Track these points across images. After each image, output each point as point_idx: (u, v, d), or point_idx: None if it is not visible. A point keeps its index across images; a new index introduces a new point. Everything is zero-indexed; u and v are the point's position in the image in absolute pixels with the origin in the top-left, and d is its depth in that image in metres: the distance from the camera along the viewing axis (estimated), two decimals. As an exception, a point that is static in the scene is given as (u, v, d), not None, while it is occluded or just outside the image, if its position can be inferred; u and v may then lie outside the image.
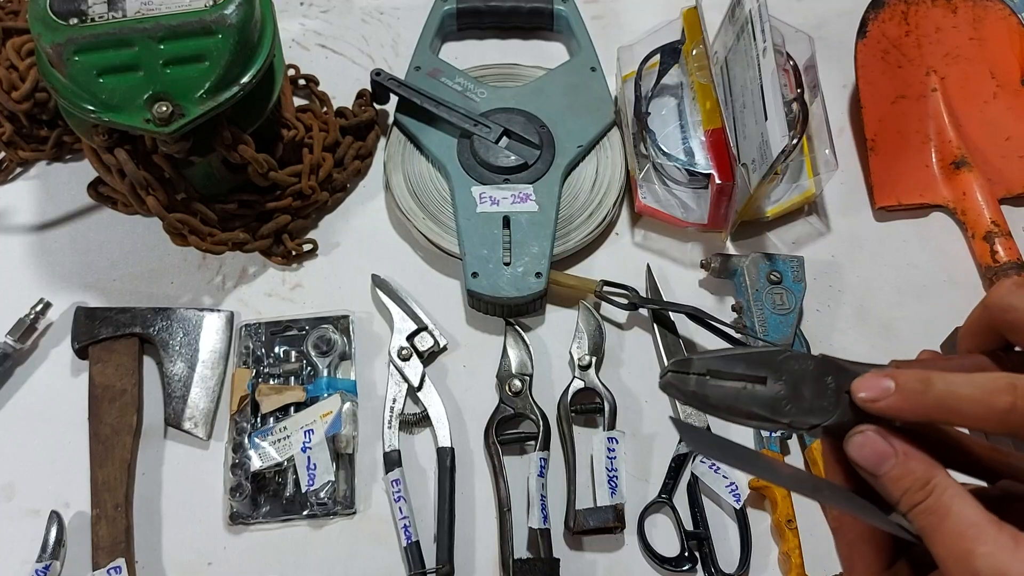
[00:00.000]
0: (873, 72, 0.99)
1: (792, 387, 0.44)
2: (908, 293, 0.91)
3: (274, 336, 0.87)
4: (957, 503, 0.40)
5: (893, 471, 0.41)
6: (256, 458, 0.80)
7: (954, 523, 0.40)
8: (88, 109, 0.76)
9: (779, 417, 0.44)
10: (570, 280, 0.88)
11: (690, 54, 0.94)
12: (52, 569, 0.75)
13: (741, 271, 0.87)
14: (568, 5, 1.04)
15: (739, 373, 0.44)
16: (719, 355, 0.44)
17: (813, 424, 0.43)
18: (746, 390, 0.44)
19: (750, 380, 0.44)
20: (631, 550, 0.79)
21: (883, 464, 0.41)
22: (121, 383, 0.83)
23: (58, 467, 0.81)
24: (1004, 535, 0.39)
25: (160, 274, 0.91)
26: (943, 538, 0.40)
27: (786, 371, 0.44)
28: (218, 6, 0.76)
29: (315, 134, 0.93)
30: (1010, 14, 0.99)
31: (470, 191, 0.90)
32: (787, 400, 0.44)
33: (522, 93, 0.97)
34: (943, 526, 0.40)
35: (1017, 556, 0.38)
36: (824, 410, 0.43)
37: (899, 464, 0.41)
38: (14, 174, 0.97)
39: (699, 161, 0.90)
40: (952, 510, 0.40)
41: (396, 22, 1.08)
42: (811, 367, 0.44)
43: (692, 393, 0.44)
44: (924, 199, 0.96)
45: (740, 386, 0.44)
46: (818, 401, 0.44)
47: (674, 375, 0.45)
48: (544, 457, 0.79)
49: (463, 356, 0.87)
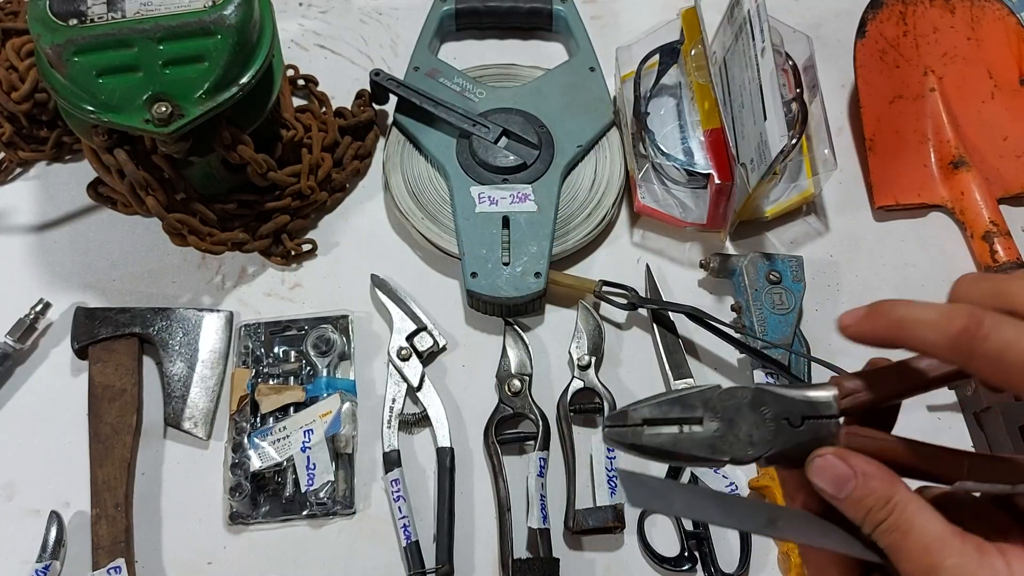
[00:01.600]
0: (871, 72, 0.99)
1: (729, 423, 0.44)
2: (907, 293, 0.91)
3: (273, 336, 0.87)
4: (919, 518, 0.40)
5: (855, 492, 0.41)
6: (256, 458, 0.80)
7: (918, 538, 0.40)
8: (88, 110, 0.76)
9: (719, 456, 0.44)
10: (569, 280, 0.88)
11: (689, 54, 0.94)
12: (52, 569, 0.76)
13: (740, 271, 0.87)
14: (567, 5, 1.04)
15: (674, 418, 0.44)
16: (653, 402, 0.45)
17: (754, 456, 0.44)
18: (683, 434, 0.44)
19: (686, 423, 0.44)
20: (631, 550, 0.79)
21: (844, 486, 0.42)
22: (121, 383, 0.83)
23: (58, 467, 0.81)
24: (968, 546, 0.39)
25: (160, 274, 0.91)
26: (908, 554, 0.40)
27: (721, 407, 0.44)
28: (217, 7, 0.76)
29: (314, 134, 0.93)
30: (1008, 14, 0.99)
31: (469, 191, 0.90)
32: (724, 436, 0.44)
33: (521, 93, 0.97)
34: (907, 542, 0.40)
35: (984, 566, 0.38)
36: (764, 440, 0.44)
37: (860, 485, 0.41)
38: (14, 174, 0.97)
39: (698, 161, 0.91)
40: (915, 525, 0.40)
41: (395, 22, 1.09)
42: (747, 399, 0.44)
43: (631, 445, 0.45)
44: (923, 199, 0.96)
45: (676, 431, 0.44)
46: (757, 432, 0.44)
47: (611, 429, 0.45)
48: (544, 457, 0.79)
49: (462, 356, 0.88)
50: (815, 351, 0.86)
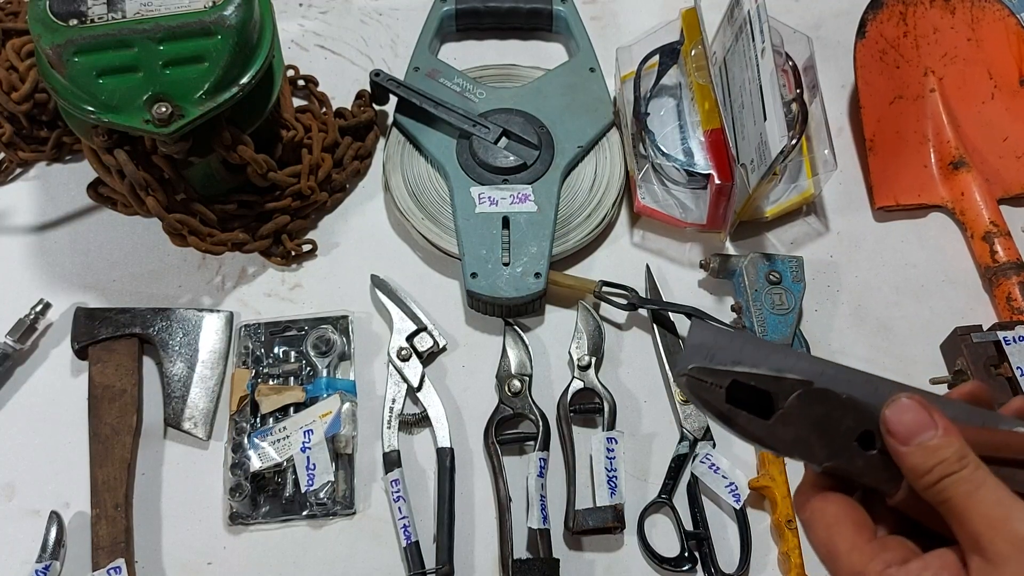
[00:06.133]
0: (871, 72, 0.99)
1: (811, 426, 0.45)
2: (906, 293, 0.91)
3: (273, 336, 0.87)
4: (991, 478, 0.42)
5: (933, 441, 0.42)
6: (256, 458, 0.80)
7: (990, 492, 0.41)
8: (88, 110, 0.76)
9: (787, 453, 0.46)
10: (569, 280, 0.88)
11: (689, 55, 0.94)
12: (52, 569, 0.75)
13: (740, 271, 0.87)
14: (567, 6, 1.04)
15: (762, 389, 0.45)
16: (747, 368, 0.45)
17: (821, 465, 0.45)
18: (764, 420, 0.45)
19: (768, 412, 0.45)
20: (631, 550, 0.79)
21: (923, 434, 0.42)
22: (121, 383, 0.83)
23: (58, 467, 0.81)
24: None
25: (160, 274, 0.91)
26: (978, 505, 0.41)
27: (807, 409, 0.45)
28: (217, 7, 0.76)
29: (314, 135, 0.93)
30: (1008, 15, 0.99)
31: (469, 191, 0.90)
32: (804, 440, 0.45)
33: (521, 94, 0.97)
34: (979, 494, 0.41)
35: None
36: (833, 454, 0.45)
37: (940, 436, 0.42)
38: (14, 175, 0.97)
39: (698, 161, 0.91)
40: (988, 482, 0.42)
41: (395, 23, 1.09)
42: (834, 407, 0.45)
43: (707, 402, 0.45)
44: (923, 199, 0.96)
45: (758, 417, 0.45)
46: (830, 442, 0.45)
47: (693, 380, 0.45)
48: (543, 457, 0.79)
49: (462, 356, 0.88)
50: (815, 351, 0.86)
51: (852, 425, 0.44)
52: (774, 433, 0.45)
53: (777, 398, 0.45)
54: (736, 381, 0.45)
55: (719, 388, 0.45)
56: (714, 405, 0.45)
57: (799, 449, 0.45)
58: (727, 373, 0.45)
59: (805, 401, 0.44)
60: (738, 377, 0.45)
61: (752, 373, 0.45)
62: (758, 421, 0.45)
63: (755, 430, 0.45)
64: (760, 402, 0.45)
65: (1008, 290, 0.88)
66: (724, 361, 0.45)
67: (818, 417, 0.44)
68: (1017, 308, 0.87)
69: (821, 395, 0.44)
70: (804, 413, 0.44)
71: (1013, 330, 0.81)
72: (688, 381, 0.45)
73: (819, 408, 0.44)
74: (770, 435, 0.45)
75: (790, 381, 0.44)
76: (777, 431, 0.45)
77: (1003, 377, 0.80)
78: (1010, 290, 0.88)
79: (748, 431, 0.45)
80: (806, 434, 0.44)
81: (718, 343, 0.45)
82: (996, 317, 0.89)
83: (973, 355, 0.81)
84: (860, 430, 0.44)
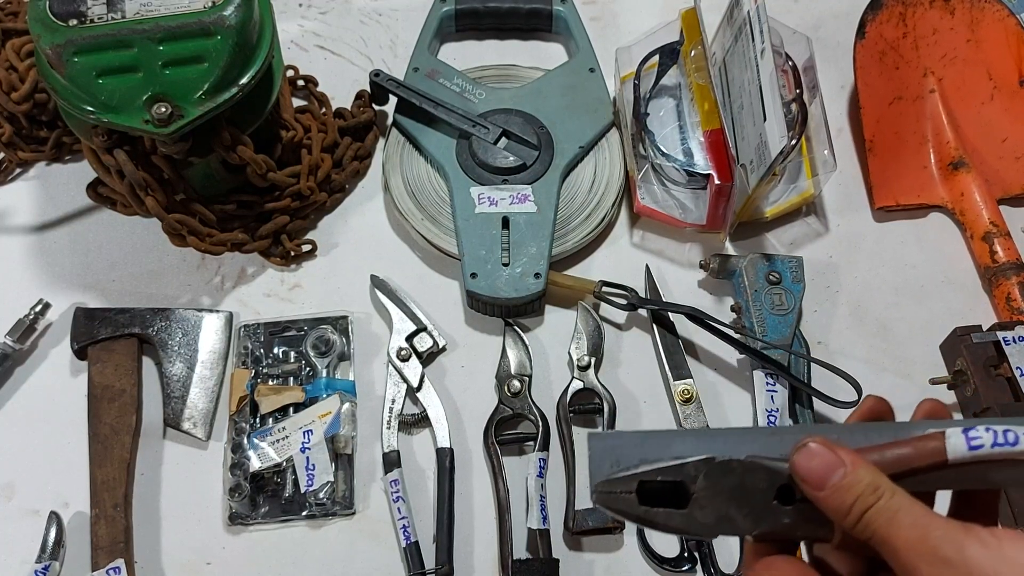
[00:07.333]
0: (871, 73, 0.99)
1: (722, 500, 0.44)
2: (906, 293, 0.91)
3: (273, 336, 0.87)
4: (906, 500, 0.41)
5: (844, 480, 0.42)
6: (255, 458, 0.80)
7: (906, 515, 0.41)
8: (87, 110, 0.76)
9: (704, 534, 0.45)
10: (569, 280, 0.88)
11: (688, 55, 0.94)
12: (52, 569, 0.75)
13: (740, 271, 0.87)
14: (567, 6, 1.04)
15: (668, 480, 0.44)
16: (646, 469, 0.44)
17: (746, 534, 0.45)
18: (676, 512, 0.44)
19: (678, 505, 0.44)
20: (630, 550, 0.79)
21: (834, 474, 0.42)
22: (120, 383, 0.83)
23: (58, 467, 0.81)
24: (953, 522, 0.41)
25: (159, 275, 0.91)
26: (899, 530, 0.41)
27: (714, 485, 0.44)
28: (217, 7, 0.76)
29: (314, 135, 0.93)
30: (1008, 15, 0.99)
31: (469, 192, 0.90)
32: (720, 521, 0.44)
33: (521, 94, 0.97)
34: (897, 519, 0.41)
35: (970, 532, 0.40)
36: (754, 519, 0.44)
37: (850, 472, 0.42)
38: (14, 175, 0.97)
39: (698, 162, 0.91)
40: (903, 505, 0.41)
41: (395, 23, 1.09)
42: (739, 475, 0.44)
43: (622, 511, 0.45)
44: (922, 200, 0.96)
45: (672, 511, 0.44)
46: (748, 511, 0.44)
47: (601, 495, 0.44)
48: (543, 457, 0.79)
49: (462, 357, 0.88)
50: (814, 352, 0.86)
51: (765, 486, 0.43)
52: (695, 520, 0.44)
53: (688, 484, 0.44)
54: (643, 481, 0.44)
55: (629, 494, 0.44)
56: (630, 512, 0.44)
57: (724, 527, 0.44)
58: (631, 478, 0.44)
59: (712, 479, 0.43)
60: (643, 477, 0.44)
61: (655, 469, 0.44)
62: (676, 513, 0.44)
63: (676, 523, 0.44)
64: (676, 491, 0.44)
65: (1008, 290, 0.88)
66: (631, 461, 0.44)
67: (731, 489, 0.43)
68: (1017, 308, 0.87)
69: (724, 467, 0.43)
70: (716, 491, 0.43)
71: (1013, 330, 0.81)
72: (598, 498, 0.44)
73: (729, 480, 0.43)
74: (691, 523, 0.44)
75: (692, 464, 0.43)
76: (697, 517, 0.44)
77: (1003, 377, 0.80)
78: (1010, 290, 0.88)
79: (669, 526, 0.44)
80: (725, 510, 0.43)
81: (620, 445, 0.44)
82: (996, 317, 0.89)
83: (973, 355, 0.81)
84: (775, 487, 0.43)
